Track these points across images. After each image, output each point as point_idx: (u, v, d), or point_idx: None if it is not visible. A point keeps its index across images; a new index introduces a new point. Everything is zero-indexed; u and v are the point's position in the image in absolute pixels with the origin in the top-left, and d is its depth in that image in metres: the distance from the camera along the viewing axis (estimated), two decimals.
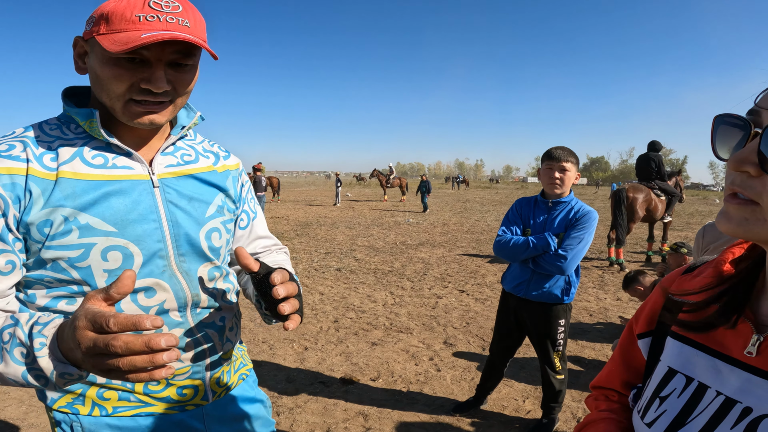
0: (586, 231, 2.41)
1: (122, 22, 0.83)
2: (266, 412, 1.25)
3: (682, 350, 0.62)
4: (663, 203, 7.83)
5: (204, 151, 1.12)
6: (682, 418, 0.58)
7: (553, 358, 2.64)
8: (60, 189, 0.87)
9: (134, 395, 0.99)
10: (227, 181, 1.12)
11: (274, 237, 1.30)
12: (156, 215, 0.96)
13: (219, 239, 1.07)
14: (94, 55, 0.88)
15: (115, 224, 0.91)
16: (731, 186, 0.51)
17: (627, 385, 0.78)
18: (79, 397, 0.97)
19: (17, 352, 0.76)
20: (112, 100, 0.89)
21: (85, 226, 0.88)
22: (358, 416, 2.93)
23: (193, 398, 1.05)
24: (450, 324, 4.71)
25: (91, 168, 0.91)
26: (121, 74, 0.86)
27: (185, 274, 1.00)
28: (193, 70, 0.94)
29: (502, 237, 2.57)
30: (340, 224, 13.14)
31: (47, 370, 0.74)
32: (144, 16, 0.83)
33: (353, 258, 8.14)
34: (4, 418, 2.86)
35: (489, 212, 18.09)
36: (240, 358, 1.21)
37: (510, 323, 2.75)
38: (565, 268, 2.39)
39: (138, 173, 0.96)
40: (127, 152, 0.95)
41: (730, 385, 0.55)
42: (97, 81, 0.89)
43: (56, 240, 0.87)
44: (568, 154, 2.46)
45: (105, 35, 0.84)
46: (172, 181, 1.00)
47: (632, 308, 5.32)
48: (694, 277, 0.67)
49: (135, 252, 0.93)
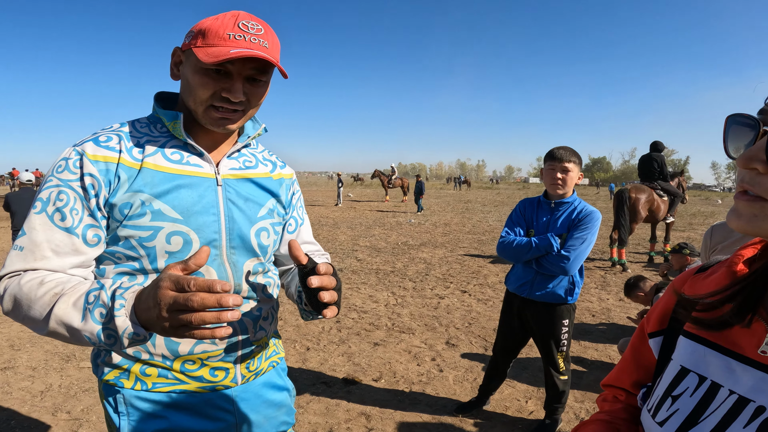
0: (589, 231, 2.40)
1: (216, 38, 0.97)
2: (291, 400, 1.33)
3: (695, 349, 0.62)
4: (665, 204, 7.85)
5: (263, 159, 1.25)
6: (694, 417, 0.58)
7: (557, 359, 2.63)
8: (142, 177, 1.01)
9: (172, 372, 1.09)
10: (280, 189, 1.25)
11: (318, 244, 1.39)
12: (216, 209, 1.08)
13: (267, 238, 1.18)
14: (189, 64, 1.02)
15: (182, 213, 1.03)
16: (741, 183, 0.52)
17: (637, 385, 0.78)
18: (125, 371, 1.08)
19: (97, 313, 0.86)
20: (196, 104, 1.02)
21: (157, 212, 1.01)
22: (360, 417, 2.92)
23: (223, 379, 1.13)
24: (452, 324, 4.71)
25: (169, 162, 1.05)
26: (207, 82, 0.99)
27: (233, 265, 1.12)
28: (266, 85, 1.07)
29: (505, 238, 2.57)
30: (341, 224, 13.15)
31: (120, 328, 0.84)
32: (234, 35, 0.97)
33: (355, 258, 8.14)
34: (8, 416, 2.86)
35: (491, 213, 18.09)
36: (273, 347, 1.28)
37: (514, 324, 2.74)
38: (568, 268, 2.38)
39: (206, 171, 1.09)
40: (200, 152, 1.09)
41: (743, 384, 0.55)
42: (187, 86, 1.03)
43: (132, 220, 1.00)
44: (570, 154, 2.45)
45: (201, 48, 0.98)
46: (233, 181, 1.13)
47: (635, 309, 5.31)
48: (707, 276, 0.67)
49: (194, 239, 1.05)
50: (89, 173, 0.99)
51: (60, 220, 0.97)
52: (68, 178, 0.98)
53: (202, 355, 1.10)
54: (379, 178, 25.08)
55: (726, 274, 0.63)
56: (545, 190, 2.59)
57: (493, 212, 18.30)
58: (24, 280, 0.92)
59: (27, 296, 0.90)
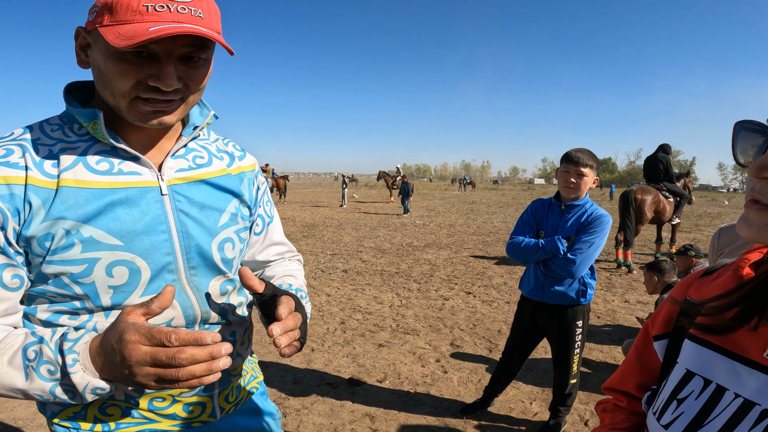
0: (598, 235, 2.38)
1: (128, 12, 0.74)
2: (275, 425, 1.20)
3: (701, 353, 0.62)
4: (671, 205, 7.83)
5: (218, 151, 1.03)
6: (699, 419, 0.58)
7: (571, 361, 2.62)
8: (61, 199, 0.80)
9: (138, 411, 0.93)
10: (242, 185, 1.04)
11: (289, 243, 1.23)
12: (165, 226, 0.88)
13: (232, 250, 1.00)
14: (98, 49, 0.79)
15: (121, 237, 0.83)
16: (751, 193, 0.52)
17: (641, 388, 0.77)
18: (81, 411, 0.91)
19: (44, 370, 0.75)
20: (116, 98, 0.81)
21: (89, 240, 0.81)
22: (364, 418, 2.92)
23: (200, 415, 1.00)
24: (457, 326, 4.70)
25: (95, 175, 0.83)
26: (126, 70, 0.77)
27: (195, 290, 0.94)
28: (207, 64, 0.86)
29: (514, 239, 2.57)
30: (346, 225, 13.16)
31: (80, 385, 0.74)
32: (153, 6, 0.75)
33: (360, 259, 8.14)
34: (13, 418, 2.88)
35: (495, 214, 18.05)
36: (251, 371, 1.15)
37: (527, 327, 2.74)
38: (574, 271, 2.37)
39: (146, 179, 0.88)
40: (134, 156, 0.87)
41: (748, 387, 0.55)
42: (100, 77, 0.81)
43: (57, 254, 0.80)
44: (588, 158, 2.41)
45: (109, 27, 0.75)
46: (182, 187, 0.92)
47: (640, 310, 5.29)
48: (713, 280, 0.67)
49: (142, 267, 0.86)
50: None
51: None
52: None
53: (174, 391, 0.94)
54: (383, 179, 25.08)
55: (732, 278, 0.63)
56: (557, 191, 2.59)
57: (498, 213, 18.25)
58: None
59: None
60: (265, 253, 1.16)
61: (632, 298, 5.76)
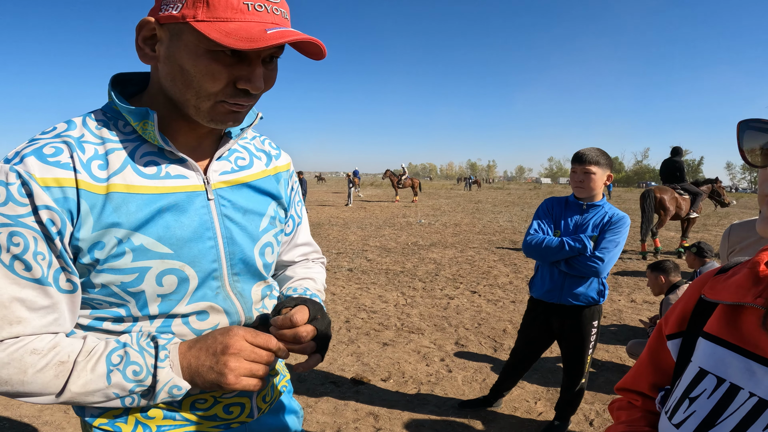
0: (621, 235, 2.39)
1: (228, 9, 0.70)
2: (299, 422, 1.20)
3: (715, 351, 0.61)
4: (687, 201, 8.80)
5: (256, 150, 1.00)
6: (711, 419, 0.56)
7: (584, 361, 2.59)
8: (113, 206, 0.76)
9: (179, 413, 0.92)
10: (279, 186, 1.01)
11: (315, 243, 1.21)
12: (212, 232, 0.86)
13: (272, 254, 0.99)
14: (182, 45, 0.74)
15: (171, 245, 0.81)
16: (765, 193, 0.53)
17: (654, 387, 0.76)
18: (122, 414, 0.88)
19: (129, 371, 0.77)
20: (200, 98, 0.76)
21: (139, 248, 0.79)
22: (368, 416, 2.92)
23: (239, 416, 0.99)
24: (461, 325, 4.68)
25: (144, 179, 0.80)
26: (219, 71, 0.74)
27: (239, 295, 0.93)
28: (277, 66, 0.84)
29: (534, 236, 2.50)
30: (351, 225, 13.16)
31: (162, 381, 0.77)
32: (252, 5, 0.72)
33: (365, 258, 8.14)
34: (19, 415, 2.90)
35: (501, 213, 17.99)
36: (282, 370, 1.16)
37: (538, 330, 2.70)
38: (600, 270, 2.35)
39: (192, 183, 0.85)
40: (181, 159, 0.84)
41: (764, 386, 0.54)
42: (182, 75, 0.75)
43: (108, 263, 0.77)
44: (596, 155, 2.40)
45: (207, 23, 0.70)
46: (226, 191, 0.89)
47: (646, 310, 5.25)
48: (728, 278, 0.66)
49: (191, 275, 0.84)
50: (45, 205, 0.72)
51: (24, 270, 0.73)
52: (16, 213, 0.71)
53: (216, 393, 0.94)
54: (389, 179, 25.06)
55: (748, 276, 0.61)
56: None
57: (504, 213, 18.19)
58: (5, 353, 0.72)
59: (18, 372, 0.72)
60: (290, 254, 1.15)
61: (638, 298, 5.72)
